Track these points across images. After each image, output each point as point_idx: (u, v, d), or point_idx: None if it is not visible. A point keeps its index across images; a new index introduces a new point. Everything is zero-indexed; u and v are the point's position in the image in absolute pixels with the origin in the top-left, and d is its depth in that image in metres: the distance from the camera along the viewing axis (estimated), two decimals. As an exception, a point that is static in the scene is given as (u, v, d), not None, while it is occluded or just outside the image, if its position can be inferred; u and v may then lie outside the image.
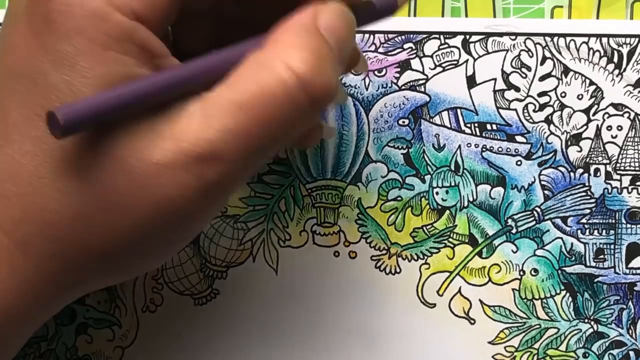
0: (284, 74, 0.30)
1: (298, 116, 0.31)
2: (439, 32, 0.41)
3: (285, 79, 0.30)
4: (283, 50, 0.30)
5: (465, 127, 0.41)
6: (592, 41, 0.41)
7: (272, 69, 0.30)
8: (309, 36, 0.31)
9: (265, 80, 0.30)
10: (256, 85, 0.30)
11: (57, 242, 0.30)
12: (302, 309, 0.40)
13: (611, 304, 0.40)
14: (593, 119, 0.41)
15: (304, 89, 0.30)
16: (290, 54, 0.30)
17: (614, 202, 0.40)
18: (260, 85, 0.30)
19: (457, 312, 0.40)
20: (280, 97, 0.30)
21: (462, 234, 0.41)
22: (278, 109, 0.30)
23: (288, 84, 0.30)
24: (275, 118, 0.30)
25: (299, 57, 0.30)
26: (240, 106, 0.30)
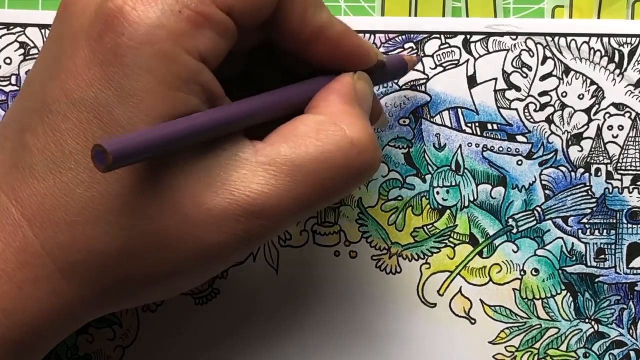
0: (343, 141, 0.32)
1: (351, 181, 0.32)
2: (440, 32, 0.41)
3: (345, 146, 0.32)
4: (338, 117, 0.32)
5: (466, 127, 0.41)
6: (593, 41, 0.41)
7: (332, 135, 0.32)
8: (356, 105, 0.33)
9: (326, 146, 0.31)
10: (316, 150, 0.31)
11: (100, 271, 0.31)
12: (302, 308, 0.40)
13: (612, 304, 0.40)
14: (594, 119, 0.41)
15: (360, 156, 0.32)
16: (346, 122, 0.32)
17: (615, 202, 0.40)
18: (321, 150, 0.31)
19: (457, 312, 0.40)
20: (339, 163, 0.32)
21: (463, 234, 0.41)
22: (335, 174, 0.32)
23: (347, 151, 0.32)
24: (330, 183, 0.32)
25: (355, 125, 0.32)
26: (300, 169, 0.31)
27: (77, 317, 0.32)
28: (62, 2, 0.32)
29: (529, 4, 0.42)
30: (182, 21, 0.30)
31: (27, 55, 0.41)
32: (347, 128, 0.32)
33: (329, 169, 0.32)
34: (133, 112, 0.29)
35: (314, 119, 0.32)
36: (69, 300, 0.31)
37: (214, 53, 0.31)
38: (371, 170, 0.33)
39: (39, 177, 0.30)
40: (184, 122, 0.29)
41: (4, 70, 0.41)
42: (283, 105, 0.33)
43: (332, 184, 0.32)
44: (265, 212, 0.31)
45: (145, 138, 0.28)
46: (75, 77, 0.30)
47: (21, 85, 0.41)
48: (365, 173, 0.33)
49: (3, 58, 0.41)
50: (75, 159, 0.30)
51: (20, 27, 0.41)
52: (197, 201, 0.30)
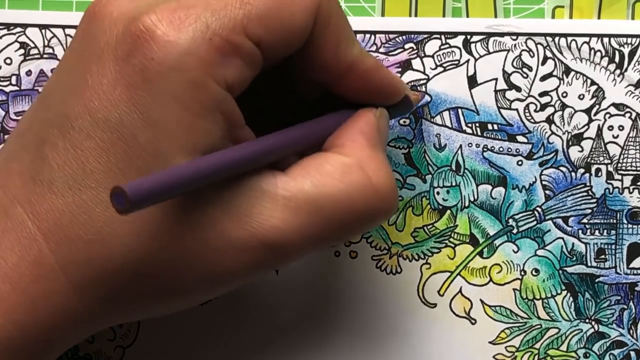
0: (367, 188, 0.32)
1: (369, 226, 0.33)
2: (440, 32, 0.41)
3: (368, 192, 0.32)
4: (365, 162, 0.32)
5: (467, 127, 0.41)
6: (594, 41, 0.41)
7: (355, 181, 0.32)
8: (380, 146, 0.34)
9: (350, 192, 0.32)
10: (339, 192, 0.32)
11: (113, 290, 0.31)
12: (302, 308, 0.40)
13: (612, 304, 0.40)
14: (594, 119, 0.41)
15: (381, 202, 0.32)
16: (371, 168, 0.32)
17: (615, 202, 0.40)
18: (343, 192, 0.32)
19: (458, 312, 0.40)
20: (360, 208, 0.32)
21: (463, 234, 0.41)
22: (354, 217, 0.32)
23: (369, 196, 0.32)
24: (348, 224, 0.32)
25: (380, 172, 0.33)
26: (321, 209, 0.31)
27: (85, 330, 0.32)
28: (86, 15, 0.31)
29: (529, 4, 0.42)
30: (212, 49, 0.30)
31: (27, 56, 0.41)
32: (373, 175, 0.32)
33: (349, 213, 0.32)
34: (157, 139, 0.29)
35: (340, 159, 0.32)
36: (79, 315, 0.31)
37: (239, 82, 0.31)
38: (389, 215, 0.33)
39: (58, 192, 0.30)
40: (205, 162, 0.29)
41: (4, 70, 0.41)
42: (306, 139, 0.33)
43: (349, 227, 0.32)
44: (280, 247, 0.31)
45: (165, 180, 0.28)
46: (100, 95, 0.30)
47: (21, 85, 0.41)
48: (383, 218, 0.33)
49: (3, 58, 0.41)
50: (95, 177, 0.30)
51: (20, 27, 0.41)
52: (217, 230, 0.30)
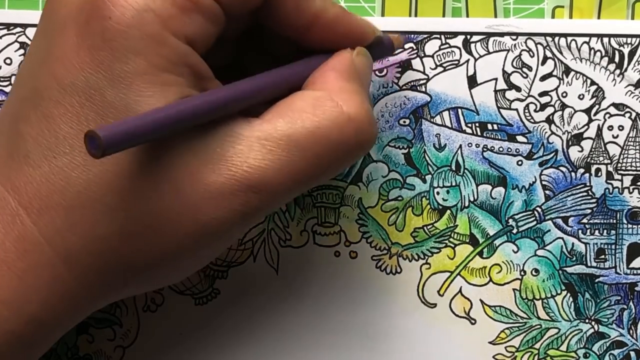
0: (339, 115, 0.32)
1: (347, 156, 0.33)
2: (440, 32, 0.41)
3: (341, 120, 0.32)
4: (335, 92, 0.33)
5: (466, 127, 0.41)
6: (593, 41, 0.41)
7: (327, 110, 0.32)
8: (354, 79, 0.34)
9: (321, 120, 0.32)
10: (312, 124, 0.32)
11: (100, 256, 0.31)
12: (302, 308, 0.40)
13: (612, 304, 0.40)
14: (594, 119, 0.41)
15: (356, 131, 0.32)
16: (343, 97, 0.32)
17: (615, 202, 0.40)
18: (316, 124, 0.32)
19: (457, 312, 0.40)
20: (334, 138, 0.32)
21: (463, 234, 0.41)
22: (331, 149, 0.32)
23: (342, 126, 0.32)
24: (326, 157, 0.32)
25: (351, 100, 0.32)
26: (297, 144, 0.31)
27: (79, 306, 0.32)
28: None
29: (529, 4, 0.42)
30: (170, 5, 0.30)
31: (27, 55, 0.41)
32: (344, 104, 0.32)
33: (325, 144, 0.32)
34: (125, 94, 0.30)
35: (311, 94, 0.33)
36: (70, 288, 0.31)
37: (201, 37, 0.31)
38: (367, 146, 0.33)
39: (34, 164, 0.30)
40: (176, 107, 0.29)
41: (4, 71, 0.41)
42: (278, 85, 0.33)
43: (328, 159, 0.32)
44: (262, 185, 0.31)
45: (138, 123, 0.28)
46: (65, 62, 0.30)
47: (21, 85, 0.41)
48: (361, 148, 0.33)
49: (3, 58, 0.41)
50: (69, 143, 0.30)
51: (20, 27, 0.41)
52: (194, 178, 0.30)
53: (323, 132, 0.32)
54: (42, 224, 0.30)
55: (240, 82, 0.32)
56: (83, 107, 0.30)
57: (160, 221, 0.30)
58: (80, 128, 0.30)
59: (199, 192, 0.30)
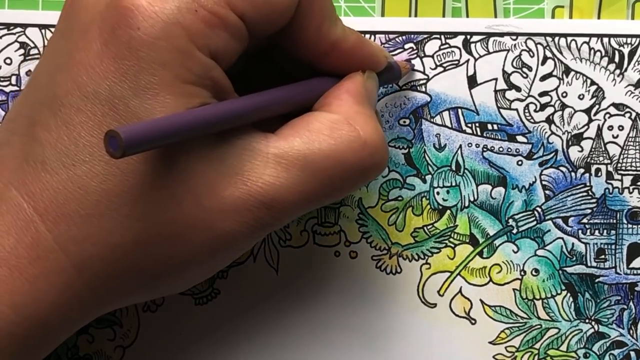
0: (356, 140, 0.32)
1: (360, 179, 0.33)
2: (440, 32, 0.41)
3: (357, 145, 0.32)
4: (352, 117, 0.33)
5: (466, 127, 0.41)
6: (593, 41, 0.41)
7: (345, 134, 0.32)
8: (367, 104, 0.34)
9: (339, 144, 0.32)
10: (329, 147, 0.32)
11: (114, 264, 0.31)
12: (302, 309, 0.40)
13: (612, 304, 0.40)
14: (594, 119, 0.41)
15: (371, 156, 0.33)
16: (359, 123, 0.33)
17: (615, 202, 0.40)
18: (333, 147, 0.32)
19: (457, 312, 0.40)
20: (350, 162, 0.32)
21: (463, 234, 0.41)
22: (345, 172, 0.32)
23: (358, 150, 0.33)
24: (339, 179, 0.32)
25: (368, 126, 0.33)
26: (312, 164, 0.32)
27: (87, 310, 0.32)
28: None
29: (529, 4, 0.42)
30: (197, 20, 0.30)
31: (27, 56, 0.41)
32: (361, 129, 0.33)
33: (340, 167, 0.32)
34: (150, 104, 0.30)
35: (328, 116, 0.33)
36: (80, 294, 0.31)
37: (225, 53, 0.31)
38: (380, 170, 0.34)
39: (52, 170, 0.30)
40: (196, 112, 0.30)
41: (3, 71, 0.41)
42: (292, 100, 0.34)
43: (341, 181, 0.33)
44: (275, 203, 0.31)
45: (159, 125, 0.28)
46: (88, 70, 0.30)
47: (21, 85, 0.41)
48: (374, 172, 0.33)
49: (3, 58, 0.41)
50: (89, 151, 0.30)
51: (20, 27, 0.41)
52: (211, 189, 0.31)
53: (339, 155, 0.32)
54: (57, 231, 0.30)
55: (257, 94, 0.33)
56: (106, 116, 0.30)
57: (176, 231, 0.31)
58: (101, 137, 0.30)
59: (216, 204, 0.31)
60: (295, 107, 0.34)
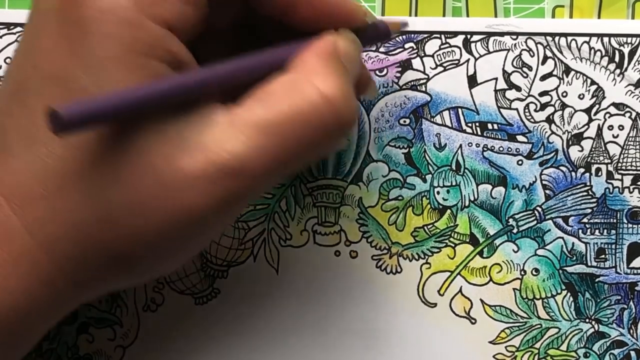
0: (316, 98, 0.31)
1: (326, 139, 0.32)
2: (440, 32, 0.41)
3: (318, 103, 0.31)
4: (313, 75, 0.32)
5: (467, 127, 0.41)
6: (594, 41, 0.41)
7: (304, 92, 0.31)
8: (334, 62, 0.33)
9: (298, 103, 0.31)
10: (289, 107, 0.31)
11: (81, 243, 0.30)
12: (303, 308, 0.40)
13: (612, 304, 0.40)
14: (594, 119, 0.41)
15: (334, 113, 0.32)
16: (320, 79, 0.32)
17: (615, 202, 0.40)
18: (293, 107, 0.31)
19: (458, 312, 0.40)
20: (312, 120, 0.31)
21: (463, 234, 0.41)
22: (309, 131, 0.31)
23: (320, 108, 0.31)
24: (304, 140, 0.31)
25: (329, 82, 0.32)
26: (273, 126, 0.31)
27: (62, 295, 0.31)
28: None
29: (529, 3, 0.42)
30: None
31: (27, 55, 0.41)
32: (323, 86, 0.31)
33: (302, 128, 0.31)
34: (101, 80, 0.29)
35: (288, 77, 0.32)
36: (51, 276, 0.30)
37: (181, 22, 0.31)
38: (346, 128, 0.32)
39: (16, 154, 0.30)
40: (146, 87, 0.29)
41: (4, 70, 0.41)
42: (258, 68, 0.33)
43: (307, 142, 0.31)
44: (242, 171, 0.30)
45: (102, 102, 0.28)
46: (45, 54, 0.30)
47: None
48: (339, 131, 0.32)
49: (3, 58, 0.41)
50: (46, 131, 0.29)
51: (21, 27, 0.41)
52: (170, 163, 0.30)
53: (301, 116, 0.31)
54: (22, 213, 0.30)
55: (218, 63, 0.32)
56: (61, 96, 0.30)
57: (139, 206, 0.30)
58: None
59: (177, 178, 0.30)
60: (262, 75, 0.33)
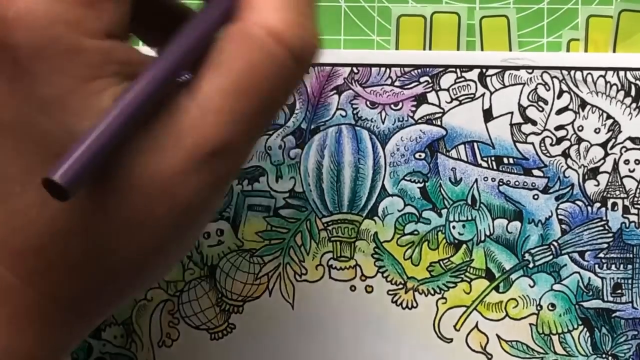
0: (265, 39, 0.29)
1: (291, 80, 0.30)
2: (455, 66, 0.41)
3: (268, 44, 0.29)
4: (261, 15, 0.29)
5: (482, 161, 0.41)
6: (609, 74, 0.41)
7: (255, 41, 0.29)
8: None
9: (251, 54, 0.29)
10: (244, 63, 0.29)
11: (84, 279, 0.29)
12: (318, 343, 0.40)
13: (629, 339, 0.40)
14: (610, 153, 0.41)
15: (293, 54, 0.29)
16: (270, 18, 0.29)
17: (631, 237, 0.40)
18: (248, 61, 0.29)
19: (474, 347, 0.40)
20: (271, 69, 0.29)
21: (479, 269, 0.40)
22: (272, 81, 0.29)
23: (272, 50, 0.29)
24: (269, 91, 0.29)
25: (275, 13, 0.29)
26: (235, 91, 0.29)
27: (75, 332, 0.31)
28: None
29: (543, 37, 0.42)
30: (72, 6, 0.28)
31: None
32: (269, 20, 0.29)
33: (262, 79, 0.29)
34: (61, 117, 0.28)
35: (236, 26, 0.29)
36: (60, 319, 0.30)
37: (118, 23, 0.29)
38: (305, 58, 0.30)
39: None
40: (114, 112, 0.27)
41: None
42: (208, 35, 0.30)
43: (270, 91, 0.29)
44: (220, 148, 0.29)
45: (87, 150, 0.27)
46: None
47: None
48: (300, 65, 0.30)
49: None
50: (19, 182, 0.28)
51: None
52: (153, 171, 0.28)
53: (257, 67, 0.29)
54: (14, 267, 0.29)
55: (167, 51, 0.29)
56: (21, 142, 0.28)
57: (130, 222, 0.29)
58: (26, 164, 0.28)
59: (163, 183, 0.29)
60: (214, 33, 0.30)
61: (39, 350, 0.30)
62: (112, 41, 0.28)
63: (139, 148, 0.29)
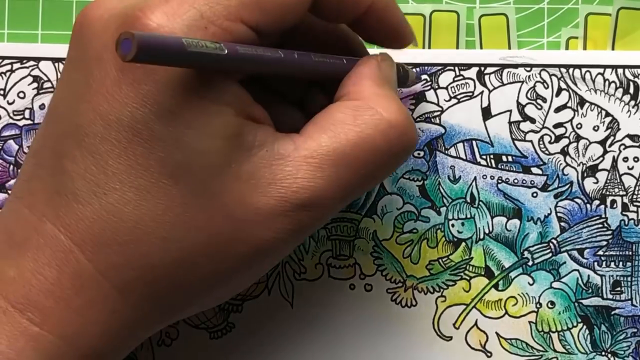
0: (381, 124, 0.32)
1: (393, 161, 0.33)
2: (454, 64, 0.41)
3: (384, 127, 0.32)
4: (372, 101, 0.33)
5: (481, 159, 0.41)
6: (608, 72, 0.41)
7: (369, 120, 0.32)
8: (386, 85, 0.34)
9: (366, 131, 0.32)
10: (357, 137, 0.32)
11: (157, 285, 0.31)
12: (317, 342, 0.40)
13: (628, 337, 0.40)
14: (609, 151, 0.41)
15: (401, 136, 0.32)
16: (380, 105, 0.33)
17: (630, 234, 0.40)
18: (361, 135, 0.32)
19: (473, 345, 0.40)
20: (381, 145, 0.32)
21: (478, 267, 0.40)
22: (378, 158, 0.32)
23: (387, 132, 0.32)
24: (373, 166, 0.32)
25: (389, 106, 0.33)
26: (343, 157, 0.32)
27: (136, 333, 0.32)
28: (77, 23, 0.32)
29: (542, 35, 0.42)
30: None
31: (41, 89, 0.41)
32: (384, 110, 0.32)
33: (371, 153, 0.32)
34: (173, 127, 0.30)
35: (349, 104, 0.33)
36: (127, 318, 0.31)
37: None
38: (410, 149, 0.33)
39: (84, 201, 0.30)
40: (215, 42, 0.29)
41: (17, 104, 0.41)
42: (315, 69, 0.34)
43: (375, 167, 0.32)
44: (313, 203, 0.31)
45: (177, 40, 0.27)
46: (107, 98, 0.30)
47: (35, 119, 0.41)
48: (404, 152, 0.33)
49: (17, 92, 0.41)
50: (118, 178, 0.30)
51: (34, 61, 0.41)
52: (245, 203, 0.31)
53: (367, 141, 0.32)
54: (97, 260, 0.30)
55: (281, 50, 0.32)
56: (131, 142, 0.30)
57: (214, 248, 0.31)
58: (128, 163, 0.30)
59: (251, 217, 0.31)
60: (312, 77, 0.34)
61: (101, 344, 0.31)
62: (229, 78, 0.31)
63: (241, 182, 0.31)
